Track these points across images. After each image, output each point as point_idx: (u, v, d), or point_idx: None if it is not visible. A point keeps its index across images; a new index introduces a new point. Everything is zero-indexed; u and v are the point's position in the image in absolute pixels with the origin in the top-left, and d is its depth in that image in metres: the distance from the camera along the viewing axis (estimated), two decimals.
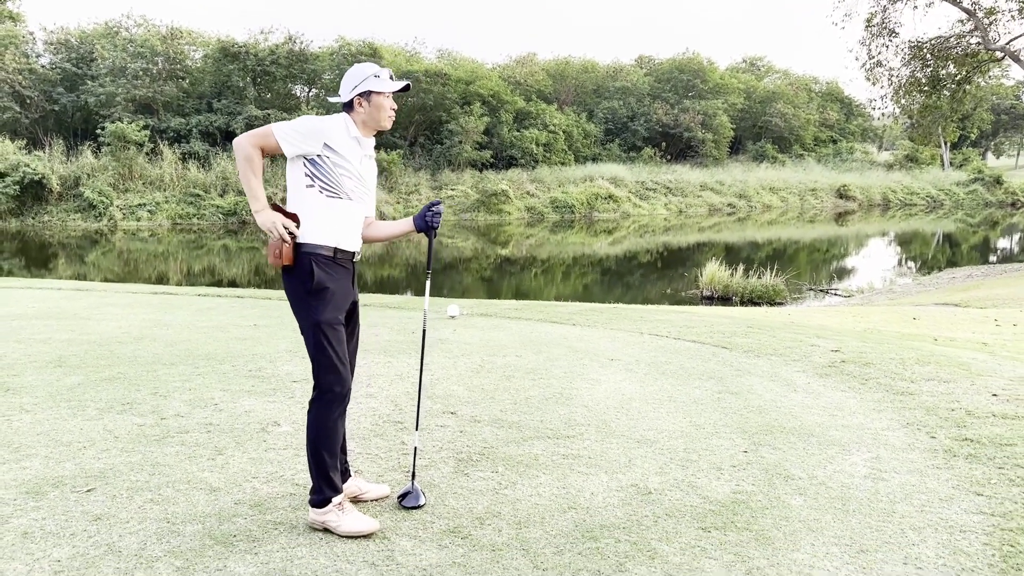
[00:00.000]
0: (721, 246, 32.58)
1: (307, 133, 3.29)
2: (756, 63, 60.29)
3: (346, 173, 3.37)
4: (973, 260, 28.51)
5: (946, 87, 26.93)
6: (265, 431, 4.53)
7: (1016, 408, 4.89)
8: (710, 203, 44.22)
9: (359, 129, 3.42)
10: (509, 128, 43.23)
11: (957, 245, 36.14)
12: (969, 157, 58.82)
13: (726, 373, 5.77)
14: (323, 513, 3.33)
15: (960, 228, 43.23)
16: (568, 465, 4.04)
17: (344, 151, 3.35)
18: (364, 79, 3.39)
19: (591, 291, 22.30)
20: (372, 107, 3.39)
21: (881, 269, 26.45)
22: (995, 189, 50.91)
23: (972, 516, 3.49)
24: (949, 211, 49.39)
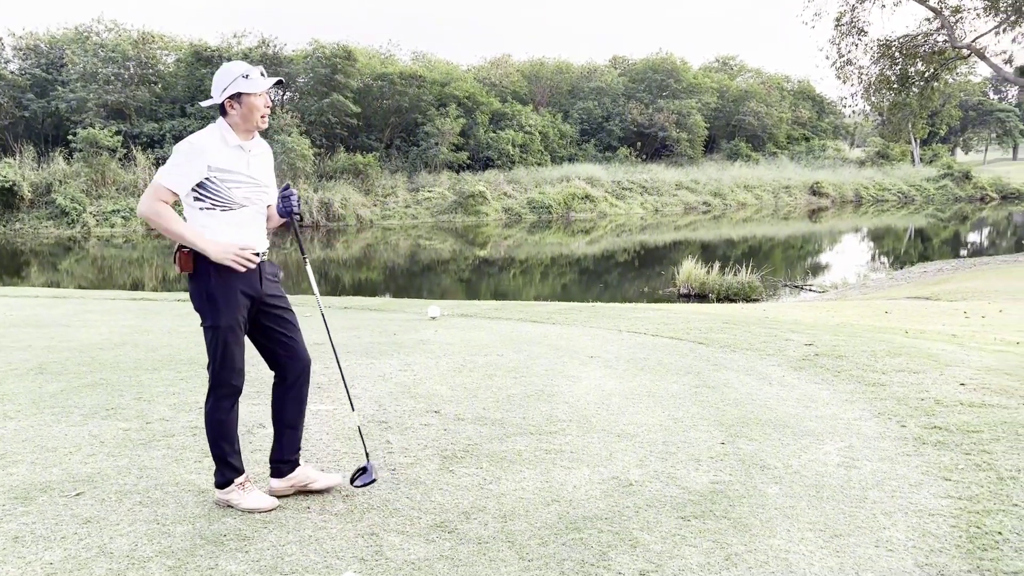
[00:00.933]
0: (697, 244, 32.87)
1: (190, 164, 3.34)
2: (729, 62, 60.77)
3: (236, 184, 3.45)
4: (944, 255, 28.95)
5: (915, 84, 27.36)
6: (251, 433, 4.59)
7: (983, 397, 5.05)
8: (686, 202, 44.54)
9: (238, 135, 3.46)
10: (485, 129, 43.30)
11: (928, 240, 36.68)
12: (939, 153, 59.74)
13: (703, 368, 5.89)
14: (226, 492, 3.58)
15: (931, 223, 43.86)
16: (551, 460, 4.13)
17: (229, 165, 3.42)
18: (233, 80, 3.39)
19: (569, 291, 22.44)
20: (244, 109, 3.41)
21: (854, 265, 26.81)
22: (964, 184, 51.70)
23: (940, 500, 3.62)
24: (920, 206, 50.06)
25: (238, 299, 3.50)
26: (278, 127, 36.14)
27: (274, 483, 3.75)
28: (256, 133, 3.56)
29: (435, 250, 30.84)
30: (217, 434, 3.60)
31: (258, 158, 3.59)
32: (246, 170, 3.50)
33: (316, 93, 39.33)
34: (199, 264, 3.45)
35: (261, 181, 3.59)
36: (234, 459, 3.63)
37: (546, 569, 3.05)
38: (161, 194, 3.35)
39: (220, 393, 3.59)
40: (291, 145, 34.39)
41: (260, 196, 3.60)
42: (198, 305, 3.53)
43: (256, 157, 3.57)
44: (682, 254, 30.79)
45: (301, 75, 40.49)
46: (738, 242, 34.09)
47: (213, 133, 3.45)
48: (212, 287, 3.46)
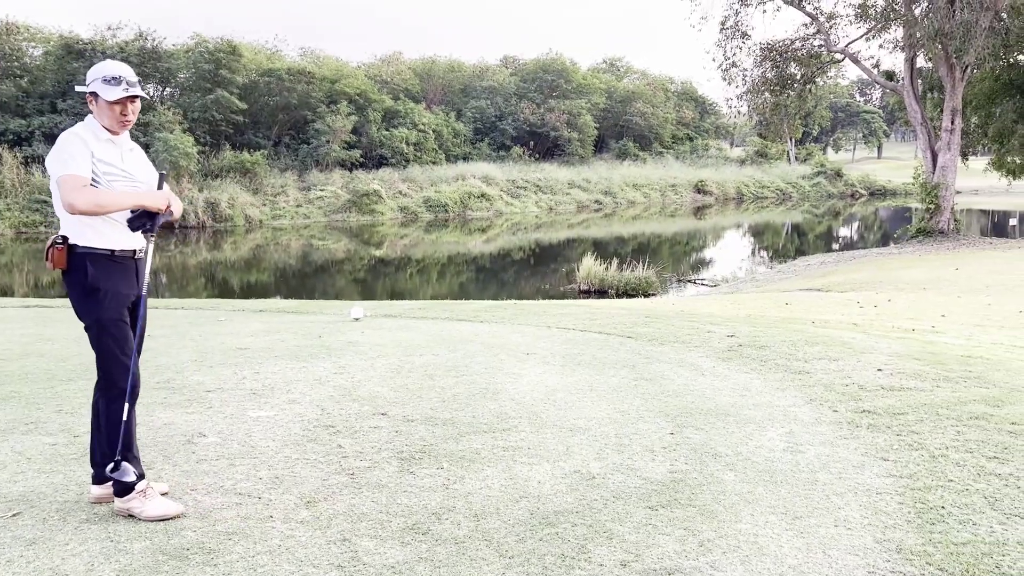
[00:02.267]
0: (590, 242, 33.51)
1: (81, 151, 3.29)
2: (616, 64, 62.30)
3: (114, 177, 3.40)
4: (819, 248, 30.61)
5: (793, 86, 28.75)
6: (191, 443, 4.39)
7: (900, 381, 5.37)
8: (578, 200, 45.34)
9: (105, 127, 3.39)
10: (378, 127, 42.83)
11: (805, 234, 38.69)
12: (812, 152, 63.05)
13: (636, 361, 6.03)
14: (127, 500, 3.42)
15: (807, 219, 46.24)
16: (510, 457, 4.14)
17: (106, 157, 3.39)
18: (95, 79, 3.35)
19: (467, 289, 22.47)
20: (98, 109, 3.37)
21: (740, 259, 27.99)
22: (836, 182, 54.77)
23: (883, 479, 3.83)
24: (797, 203, 52.71)
25: (119, 293, 3.41)
26: (159, 124, 34.64)
27: (95, 490, 3.60)
28: (124, 132, 3.48)
29: (329, 250, 30.26)
30: (118, 434, 3.44)
31: (131, 153, 3.55)
32: (120, 164, 3.45)
33: (199, 89, 37.93)
34: (74, 259, 3.36)
35: (137, 177, 3.51)
36: (134, 464, 3.50)
37: (527, 565, 3.06)
38: (77, 182, 3.25)
39: (112, 394, 3.46)
40: (173, 143, 33.06)
41: (138, 188, 3.50)
42: (77, 302, 3.43)
43: (129, 152, 3.53)
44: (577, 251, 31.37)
45: (183, 70, 38.95)
46: (629, 239, 34.99)
47: (88, 128, 3.40)
48: (91, 281, 3.36)
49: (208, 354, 6.34)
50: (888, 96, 54.92)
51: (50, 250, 3.37)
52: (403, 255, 29.61)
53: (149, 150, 33.39)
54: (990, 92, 29.13)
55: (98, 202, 3.27)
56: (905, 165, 72.43)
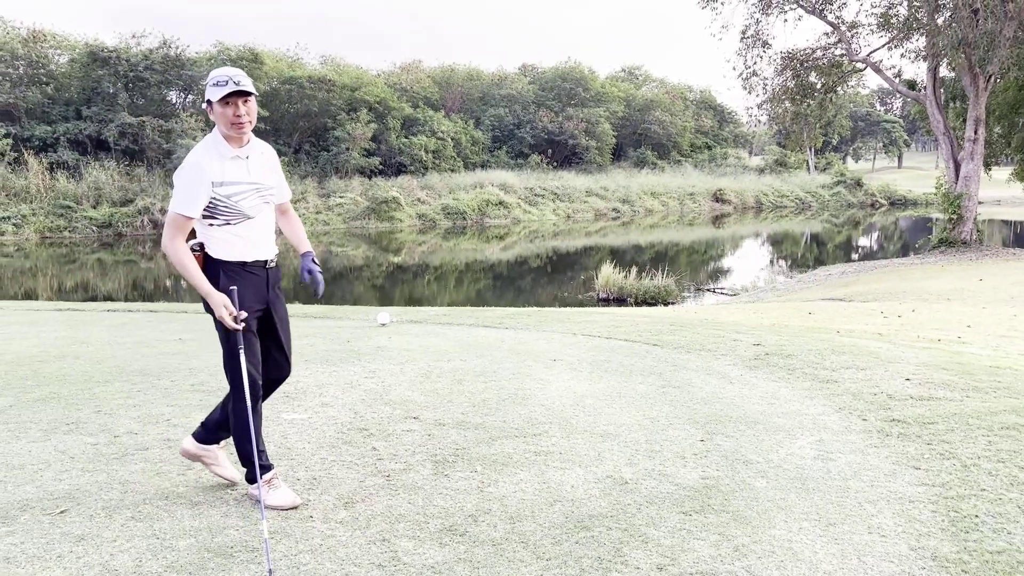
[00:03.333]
0: (607, 250, 33.56)
1: (196, 187, 3.37)
2: (634, 72, 62.34)
3: (241, 196, 3.46)
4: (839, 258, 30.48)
5: (814, 96, 28.66)
6: (229, 444, 4.46)
7: (929, 391, 5.38)
8: (596, 208, 45.35)
9: (229, 143, 3.43)
10: (397, 135, 43.08)
11: (824, 244, 38.49)
12: (832, 161, 62.74)
13: (664, 369, 6.06)
14: (255, 488, 3.65)
15: (826, 228, 45.99)
16: (542, 461, 4.19)
17: (229, 177, 3.44)
18: (207, 87, 3.41)
19: (484, 296, 22.55)
20: (215, 117, 3.41)
21: (759, 268, 27.88)
22: (856, 191, 54.45)
23: (916, 488, 3.85)
24: (816, 212, 52.46)
25: (244, 298, 3.51)
26: (181, 130, 35.00)
27: (186, 443, 3.88)
28: (249, 136, 3.52)
29: (348, 257, 30.44)
30: (238, 433, 3.63)
31: (257, 161, 3.58)
32: (247, 178, 3.51)
33: None
34: (209, 267, 3.50)
35: (264, 184, 3.58)
36: (260, 457, 3.64)
37: (564, 567, 3.11)
38: (178, 223, 3.39)
39: (235, 394, 3.60)
40: None
41: (267, 199, 3.59)
42: (208, 305, 3.52)
43: (255, 161, 3.57)
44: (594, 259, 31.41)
45: (205, 78, 39.29)
46: (646, 247, 34.94)
47: (208, 147, 3.46)
48: (220, 287, 3.49)
49: None
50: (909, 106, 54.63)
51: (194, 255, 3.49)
52: (421, 262, 29.74)
53: (171, 157, 33.76)
54: (1014, 102, 28.94)
55: (175, 261, 3.41)
56: (926, 175, 72.01)
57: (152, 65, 36.76)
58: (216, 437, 3.86)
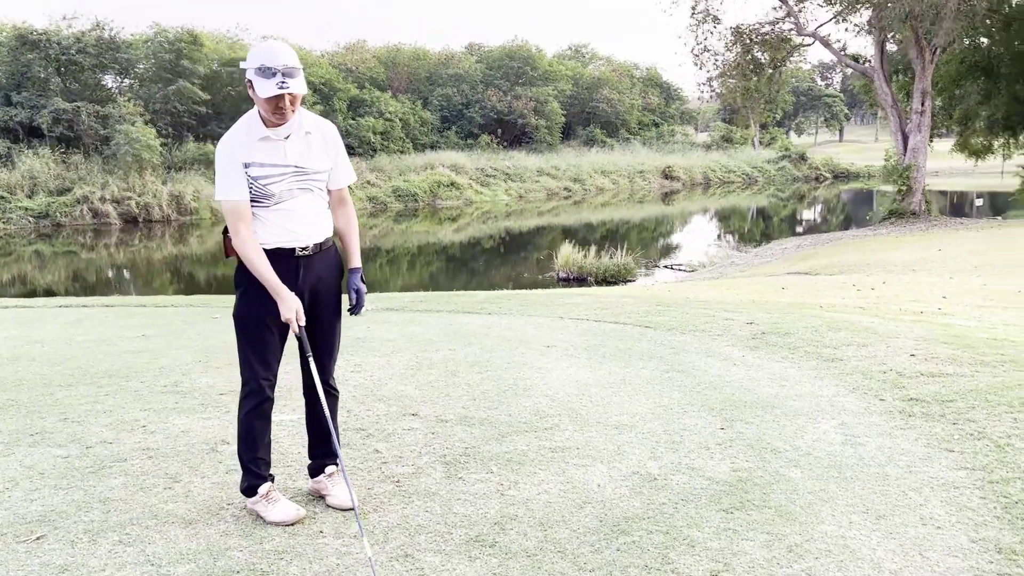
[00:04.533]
0: (560, 229, 33.48)
1: (232, 170, 3.09)
2: (581, 50, 62.06)
3: (273, 180, 3.13)
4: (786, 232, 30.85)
5: (764, 71, 28.79)
6: (216, 451, 4.10)
7: (937, 366, 5.24)
8: (548, 188, 45.13)
9: (265, 121, 3.10)
10: (344, 116, 42.14)
11: (772, 218, 39.00)
12: (776, 136, 63.44)
13: (663, 352, 5.83)
14: (253, 502, 3.34)
15: (773, 202, 46.55)
16: (560, 458, 3.92)
17: (259, 158, 3.11)
18: (250, 66, 3.03)
19: (438, 279, 22.21)
20: (256, 97, 3.05)
21: (712, 244, 28.04)
22: (801, 165, 55.23)
23: (956, 472, 3.68)
24: (763, 187, 53.05)
25: (263, 293, 3.18)
26: (120, 116, 33.67)
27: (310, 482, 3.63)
28: (291, 116, 3.13)
29: None
30: (240, 436, 3.35)
31: (301, 142, 3.20)
32: (283, 159, 3.15)
33: (160, 80, 36.90)
34: (231, 251, 3.23)
35: (307, 168, 3.21)
36: (256, 466, 3.36)
37: None
38: (232, 211, 3.12)
39: (244, 391, 3.36)
40: (135, 135, 32.09)
41: (307, 185, 3.24)
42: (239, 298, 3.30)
43: (298, 142, 3.18)
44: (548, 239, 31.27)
45: (142, 61, 37.88)
46: (599, 226, 34.94)
47: (240, 127, 3.15)
48: (242, 275, 3.23)
49: (212, 354, 6.02)
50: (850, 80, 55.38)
51: (225, 237, 3.23)
52: (373, 246, 29.19)
53: (110, 143, 32.48)
54: (955, 74, 29.41)
55: (244, 256, 3.15)
56: (866, 148, 73.47)
57: (85, 48, 35.18)
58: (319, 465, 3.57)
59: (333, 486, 3.50)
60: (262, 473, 3.37)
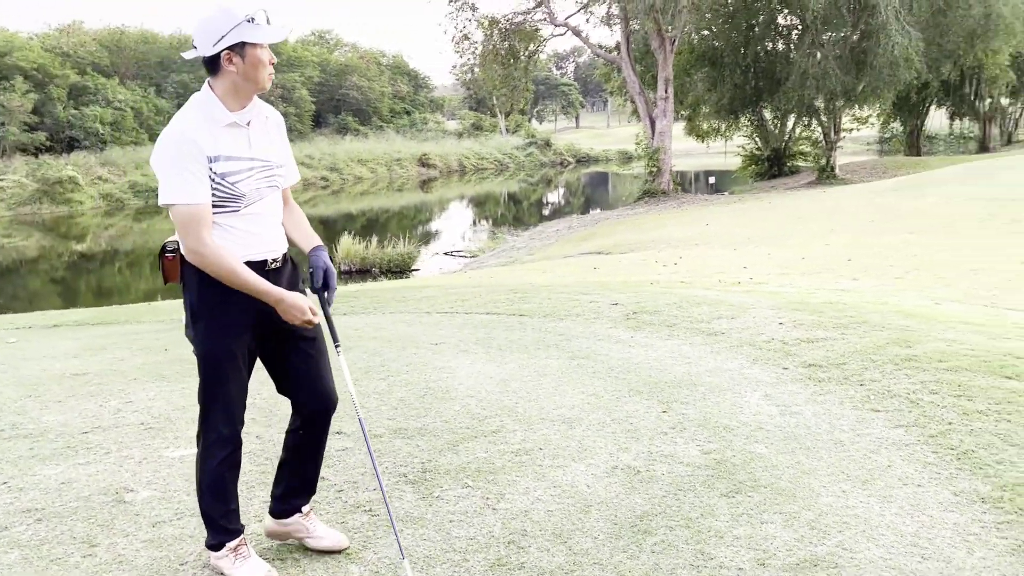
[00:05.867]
0: (318, 220, 32.54)
1: (188, 165, 2.48)
2: (325, 36, 60.42)
3: (241, 176, 2.59)
4: (534, 216, 32.36)
5: (520, 59, 29.70)
6: (122, 502, 3.40)
7: (808, 332, 5.59)
8: (304, 178, 43.51)
9: (229, 103, 2.56)
10: (64, 106, 37.81)
11: (521, 202, 40.68)
12: (520, 124, 65.96)
13: (555, 340, 5.73)
14: (218, 558, 2.81)
15: (524, 187, 48.48)
16: (530, 462, 3.68)
17: (225, 149, 2.56)
18: (236, 26, 2.51)
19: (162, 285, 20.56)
20: (248, 65, 2.53)
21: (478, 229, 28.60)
22: (546, 151, 57.93)
23: (896, 431, 3.91)
24: (514, 172, 55.01)
25: (236, 321, 2.63)
26: None
27: (268, 522, 3.01)
28: (254, 97, 2.61)
29: (18, 249, 26.29)
30: (205, 490, 2.78)
31: (260, 130, 2.67)
32: (248, 151, 2.60)
33: None
34: (188, 273, 2.58)
35: (272, 161, 2.68)
36: (228, 520, 2.80)
37: None
38: (192, 217, 2.48)
39: (207, 441, 2.76)
40: None
41: (274, 180, 2.69)
42: (187, 326, 2.67)
43: (257, 130, 2.65)
44: None
45: None
46: (358, 215, 34.45)
47: (195, 113, 2.54)
48: (201, 304, 2.59)
49: (40, 385, 5.03)
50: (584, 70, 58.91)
51: (160, 259, 2.58)
52: (110, 248, 26.64)
53: None
54: (686, 64, 32.17)
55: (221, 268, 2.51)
56: (600, 133, 78.64)
57: None
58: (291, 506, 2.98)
59: (314, 526, 3.00)
60: (234, 526, 2.82)
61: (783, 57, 30.21)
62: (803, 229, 14.48)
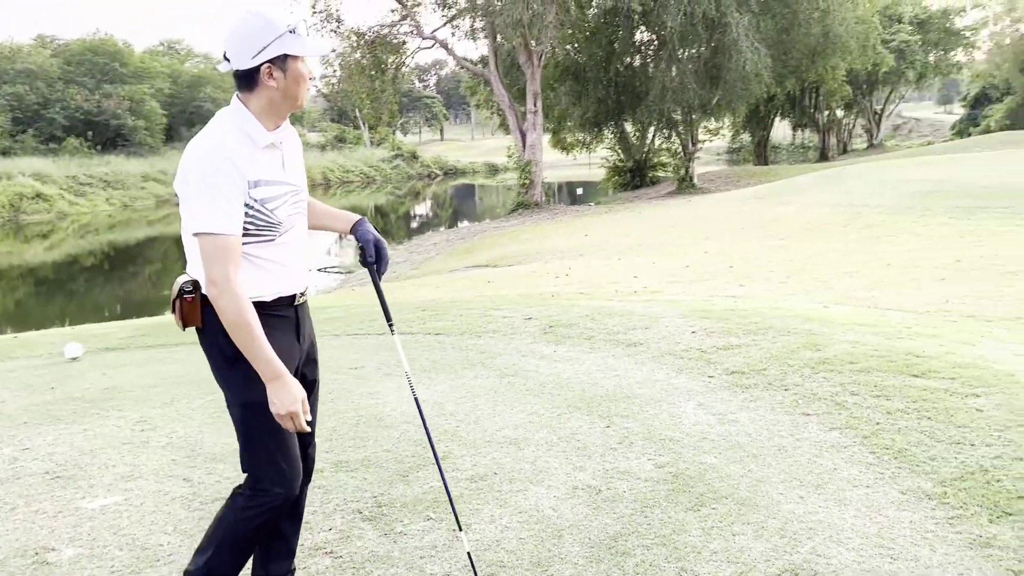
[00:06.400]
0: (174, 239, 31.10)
1: (236, 190, 2.23)
2: (175, 46, 57.76)
3: (279, 202, 2.37)
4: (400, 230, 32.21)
5: (388, 72, 29.41)
6: (46, 563, 3.05)
7: (723, 340, 5.75)
8: (157, 195, 41.53)
9: (265, 122, 2.33)
10: None
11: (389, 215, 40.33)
12: (385, 136, 65.30)
13: (479, 358, 5.62)
14: None
15: (392, 200, 48.02)
16: (488, 487, 3.57)
17: (265, 173, 2.33)
18: (277, 37, 2.27)
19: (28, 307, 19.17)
20: (290, 79, 2.32)
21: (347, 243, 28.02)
22: (413, 163, 57.61)
23: (831, 434, 4.05)
24: (381, 185, 54.33)
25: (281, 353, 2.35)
26: None
27: None
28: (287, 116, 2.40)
29: None
30: (230, 547, 2.47)
31: (290, 151, 2.45)
32: (283, 175, 2.38)
33: None
34: (210, 315, 2.28)
35: (300, 185, 2.47)
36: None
37: None
38: (224, 249, 2.19)
39: (258, 501, 2.42)
40: None
41: (301, 206, 2.48)
42: (217, 371, 2.39)
43: (288, 151, 2.43)
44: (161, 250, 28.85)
45: None
46: None
47: (232, 130, 2.27)
48: (231, 347, 2.29)
49: None
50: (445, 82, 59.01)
51: (177, 302, 2.27)
52: None
53: None
54: (551, 78, 32.78)
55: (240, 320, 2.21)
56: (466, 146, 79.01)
57: None
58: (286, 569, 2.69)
59: None
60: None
61: (643, 72, 31.32)
62: (679, 238, 14.99)
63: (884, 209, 14.51)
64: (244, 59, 2.28)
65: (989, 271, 9.08)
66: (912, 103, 78.76)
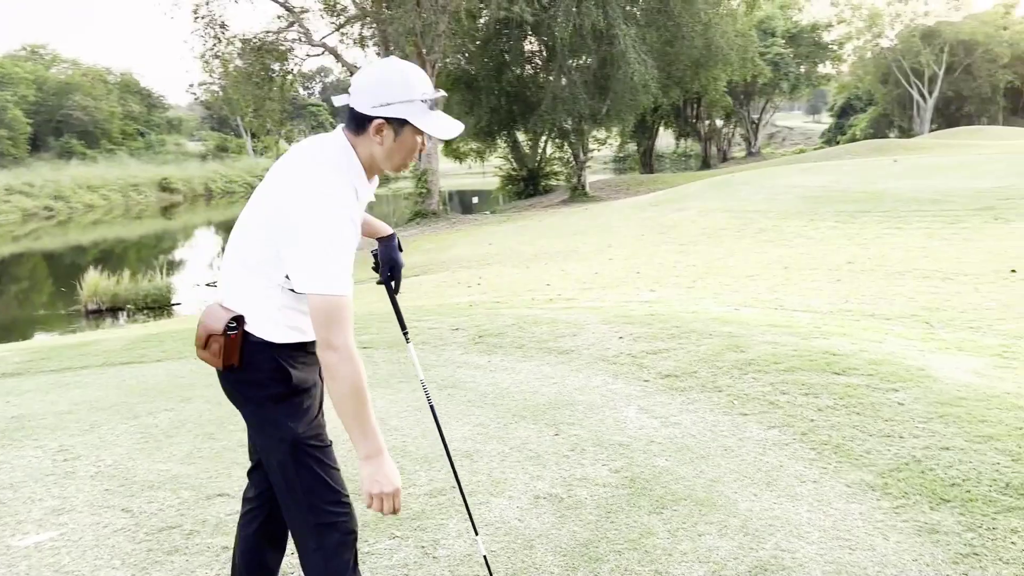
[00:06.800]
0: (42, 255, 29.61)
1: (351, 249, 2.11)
2: (39, 51, 54.54)
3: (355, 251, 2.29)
4: None
5: (276, 79, 28.68)
6: None
7: (651, 344, 5.87)
8: (23, 208, 39.15)
9: (365, 172, 2.22)
10: None
11: None
12: (269, 145, 63.58)
13: (413, 371, 5.54)
14: None
15: None
16: (448, 502, 3.53)
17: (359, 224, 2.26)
18: (407, 101, 2.13)
19: None
20: (397, 144, 2.18)
21: None
22: None
23: (771, 432, 4.20)
24: None
25: (314, 396, 2.32)
26: None
27: None
28: None
29: None
30: None
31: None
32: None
33: None
34: (253, 353, 2.17)
35: None
36: None
37: None
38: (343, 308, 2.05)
39: (331, 542, 2.27)
40: None
41: None
42: (256, 413, 2.26)
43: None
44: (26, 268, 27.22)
45: None
46: (90, 247, 31.52)
47: (343, 183, 2.13)
48: (275, 381, 2.21)
49: None
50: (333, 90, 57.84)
51: (211, 338, 2.10)
52: None
53: None
54: (444, 87, 32.76)
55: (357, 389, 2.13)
56: None
57: None
58: None
59: None
60: None
61: (534, 82, 31.74)
62: (582, 245, 15.24)
63: (775, 214, 15.21)
64: (365, 104, 2.14)
65: (879, 272, 9.65)
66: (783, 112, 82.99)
